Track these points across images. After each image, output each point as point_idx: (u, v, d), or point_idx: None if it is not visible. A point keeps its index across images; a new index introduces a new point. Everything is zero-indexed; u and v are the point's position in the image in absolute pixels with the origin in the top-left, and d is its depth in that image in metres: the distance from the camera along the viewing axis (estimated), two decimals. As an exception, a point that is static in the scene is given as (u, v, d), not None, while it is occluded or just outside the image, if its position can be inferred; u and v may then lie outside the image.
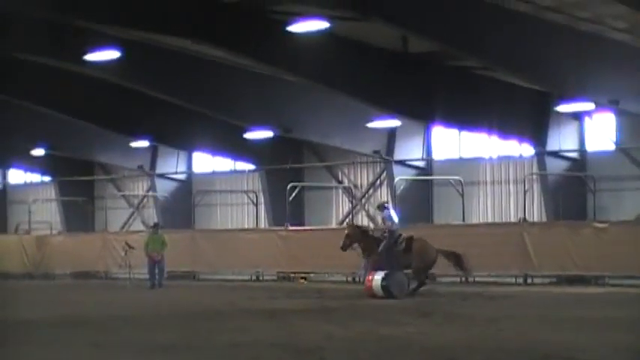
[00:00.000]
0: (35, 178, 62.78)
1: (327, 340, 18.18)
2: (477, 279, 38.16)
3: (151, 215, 54.04)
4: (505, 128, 40.98)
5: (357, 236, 31.12)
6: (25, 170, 62.66)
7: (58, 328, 21.60)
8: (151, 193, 55.26)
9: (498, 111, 39.94)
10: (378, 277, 30.13)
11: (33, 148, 56.02)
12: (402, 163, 46.08)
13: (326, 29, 34.11)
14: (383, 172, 46.90)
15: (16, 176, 64.51)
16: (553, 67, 36.41)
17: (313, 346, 17.50)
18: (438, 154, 46.21)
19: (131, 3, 34.62)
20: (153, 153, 54.60)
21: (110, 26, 37.49)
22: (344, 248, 30.24)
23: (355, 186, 48.98)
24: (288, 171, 48.85)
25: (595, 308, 25.92)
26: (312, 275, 41.94)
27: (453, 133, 45.44)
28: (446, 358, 15.86)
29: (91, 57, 38.71)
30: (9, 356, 16.52)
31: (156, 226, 43.31)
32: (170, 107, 47.33)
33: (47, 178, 60.98)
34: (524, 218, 39.20)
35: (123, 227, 55.80)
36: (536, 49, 35.54)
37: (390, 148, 46.13)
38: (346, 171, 49.47)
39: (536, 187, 41.97)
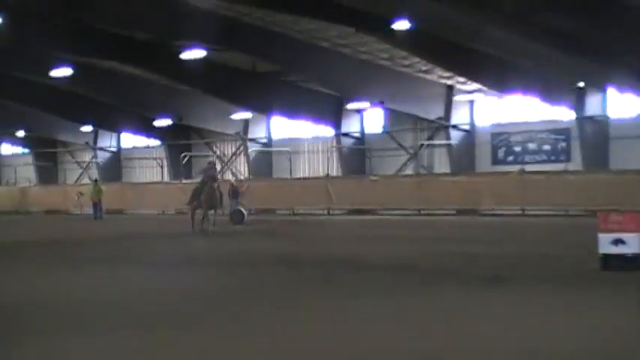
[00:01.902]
0: (18, 150, 64.68)
1: (208, 252, 19.95)
2: (298, 212, 41.53)
3: (94, 173, 55.32)
4: (316, 118, 45.45)
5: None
6: (12, 144, 64.71)
7: (36, 247, 23.17)
8: (94, 160, 57.86)
9: (312, 107, 44.59)
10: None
11: (16, 130, 58.67)
12: (253, 140, 49.69)
13: (204, 56, 37.65)
14: (241, 146, 50.26)
15: (6, 149, 66.20)
16: (344, 80, 40.81)
17: (202, 253, 20.07)
18: (275, 135, 49.56)
19: (81, 37, 37.29)
20: (95, 134, 57.08)
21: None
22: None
23: (224, 154, 51.83)
24: (181, 145, 51.99)
25: (372, 229, 28.35)
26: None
27: (286, 121, 48.12)
28: (292, 260, 16.87)
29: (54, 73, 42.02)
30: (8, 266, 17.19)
31: (96, 181, 46.18)
32: (107, 105, 49.69)
33: (27, 150, 63.31)
34: (328, 174, 43.56)
35: (75, 181, 57.96)
36: (334, 69, 39.51)
37: (245, 131, 49.62)
38: (218, 145, 52.58)
39: (335, 155, 45.83)
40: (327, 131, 46.55)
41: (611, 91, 36.77)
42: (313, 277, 14.34)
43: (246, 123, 49.72)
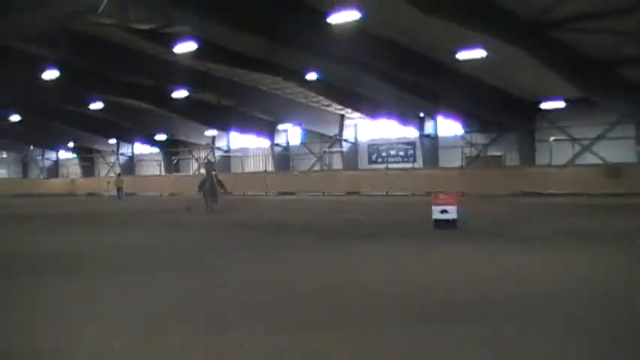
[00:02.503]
0: (70, 155, 61.84)
1: (192, 221, 17.77)
2: (247, 194, 39.95)
3: (117, 169, 53.58)
4: (258, 133, 44.35)
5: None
6: (65, 152, 61.68)
7: (82, 217, 21.44)
8: (117, 161, 56.27)
9: (256, 127, 43.59)
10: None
11: (68, 142, 56.63)
12: (218, 148, 48.45)
13: (187, 95, 35.90)
14: (210, 152, 48.18)
15: (62, 155, 63.43)
16: (276, 110, 39.76)
17: (189, 220, 17.95)
18: (233, 145, 48.20)
19: (108, 83, 35.37)
20: (117, 144, 54.72)
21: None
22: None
23: (199, 157, 49.51)
24: (172, 152, 50.97)
25: (293, 204, 26.81)
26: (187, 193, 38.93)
27: (239, 135, 46.55)
28: (241, 224, 16.00)
29: (91, 106, 40.04)
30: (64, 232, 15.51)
31: (119, 174, 44.69)
32: (125, 126, 47.69)
33: (74, 155, 60.89)
34: (266, 170, 42.75)
35: (105, 175, 55.82)
36: (270, 103, 38.47)
37: (213, 142, 47.91)
38: (196, 151, 50.56)
39: (270, 158, 44.54)
40: (265, 142, 45.78)
41: (440, 119, 37.16)
42: (257, 234, 14.03)
43: (213, 137, 48.72)
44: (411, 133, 38.90)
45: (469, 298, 6.56)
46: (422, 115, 36.97)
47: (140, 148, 55.77)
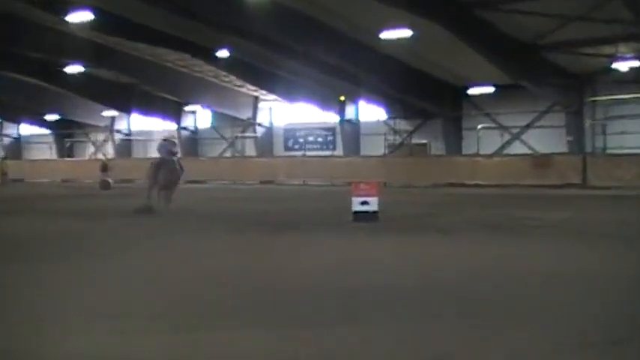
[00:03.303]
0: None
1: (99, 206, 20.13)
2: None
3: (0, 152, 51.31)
4: (163, 116, 44.19)
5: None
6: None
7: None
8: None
9: (160, 108, 43.42)
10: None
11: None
12: (118, 131, 47.85)
13: (82, 71, 35.41)
14: (109, 135, 48.06)
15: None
16: (183, 90, 39.85)
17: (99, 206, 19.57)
18: (134, 127, 47.62)
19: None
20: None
21: None
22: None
23: (97, 140, 49.31)
24: (65, 134, 49.99)
25: (201, 193, 26.62)
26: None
27: (142, 117, 45.89)
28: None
29: None
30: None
31: (4, 158, 45.18)
32: (9, 104, 46.05)
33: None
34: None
35: None
36: (176, 82, 38.66)
37: (112, 124, 47.57)
38: (93, 134, 49.69)
39: (177, 143, 46.57)
40: (171, 125, 45.27)
41: (362, 103, 37.69)
42: (157, 223, 13.88)
43: (112, 119, 47.97)
44: (330, 118, 39.33)
45: (373, 293, 6.83)
46: (342, 99, 37.46)
47: (28, 129, 54.48)
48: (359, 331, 5.34)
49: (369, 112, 38.23)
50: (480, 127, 32.78)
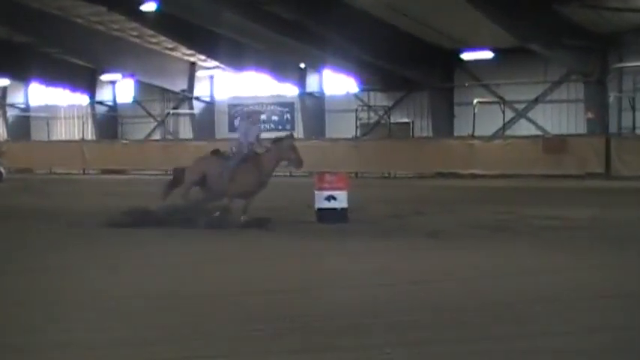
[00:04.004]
0: None
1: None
2: (56, 171, 39.18)
3: None
4: (72, 86, 43.78)
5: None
6: None
7: None
8: None
9: (68, 76, 42.77)
10: None
11: None
12: (11, 105, 47.50)
13: None
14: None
15: None
16: (98, 53, 39.61)
17: None
18: (33, 101, 46.92)
19: None
20: None
21: None
22: None
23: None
24: None
25: (120, 187, 27.98)
26: None
27: (44, 88, 45.38)
28: (40, 213, 17.57)
29: None
30: None
31: None
32: None
33: None
34: (83, 138, 42.22)
35: None
36: (88, 43, 38.25)
37: (4, 96, 47.04)
38: None
39: (90, 121, 44.29)
40: (82, 99, 45.25)
41: (327, 72, 37.75)
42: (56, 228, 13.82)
43: (4, 89, 47.73)
44: (288, 90, 39.38)
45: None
46: (302, 66, 37.31)
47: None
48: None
49: (337, 84, 38.22)
50: (476, 101, 32.82)
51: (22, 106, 48.42)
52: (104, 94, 45.41)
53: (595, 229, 13.02)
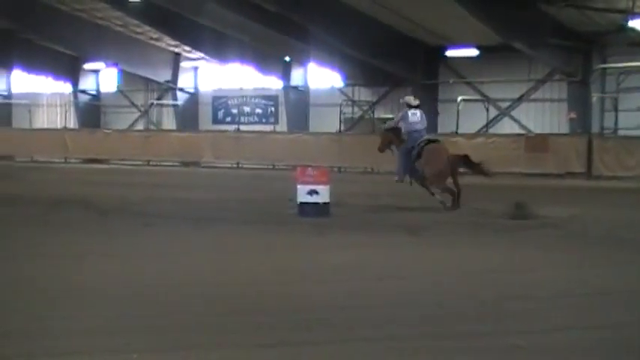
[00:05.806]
0: None
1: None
2: (37, 160, 38.37)
3: None
4: (54, 74, 44.01)
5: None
6: None
7: None
8: None
9: (50, 64, 43.23)
10: None
11: None
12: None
13: None
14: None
15: None
16: (81, 41, 39.77)
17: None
18: (15, 88, 47.04)
19: None
20: None
21: None
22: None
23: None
24: None
25: (102, 175, 27.91)
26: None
27: (26, 76, 45.55)
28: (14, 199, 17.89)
29: None
30: None
31: None
32: None
33: None
34: (65, 126, 42.66)
35: None
36: (71, 31, 38.26)
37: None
38: None
39: (72, 110, 44.52)
40: (65, 87, 45.19)
41: (312, 66, 37.77)
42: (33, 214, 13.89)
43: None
44: (272, 83, 39.45)
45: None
46: (287, 59, 37.40)
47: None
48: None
49: (321, 78, 38.31)
50: (460, 99, 32.87)
51: (4, 93, 48.02)
52: (87, 83, 45.27)
53: (574, 228, 13.00)
